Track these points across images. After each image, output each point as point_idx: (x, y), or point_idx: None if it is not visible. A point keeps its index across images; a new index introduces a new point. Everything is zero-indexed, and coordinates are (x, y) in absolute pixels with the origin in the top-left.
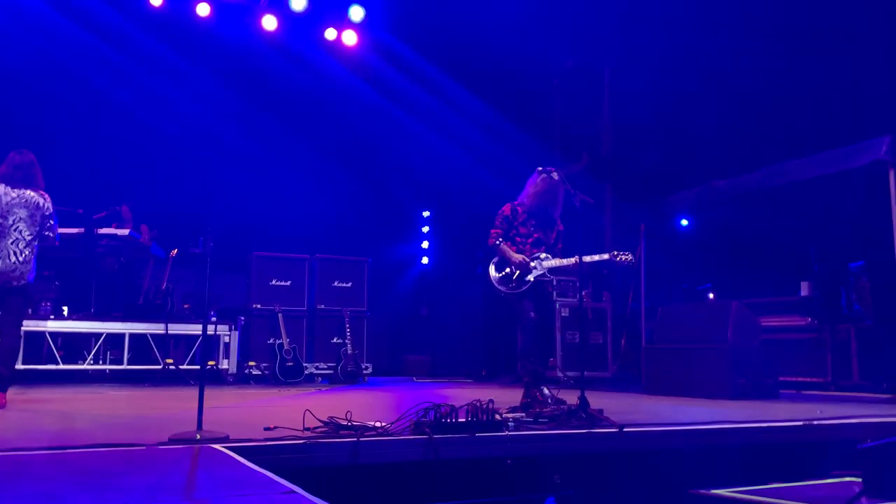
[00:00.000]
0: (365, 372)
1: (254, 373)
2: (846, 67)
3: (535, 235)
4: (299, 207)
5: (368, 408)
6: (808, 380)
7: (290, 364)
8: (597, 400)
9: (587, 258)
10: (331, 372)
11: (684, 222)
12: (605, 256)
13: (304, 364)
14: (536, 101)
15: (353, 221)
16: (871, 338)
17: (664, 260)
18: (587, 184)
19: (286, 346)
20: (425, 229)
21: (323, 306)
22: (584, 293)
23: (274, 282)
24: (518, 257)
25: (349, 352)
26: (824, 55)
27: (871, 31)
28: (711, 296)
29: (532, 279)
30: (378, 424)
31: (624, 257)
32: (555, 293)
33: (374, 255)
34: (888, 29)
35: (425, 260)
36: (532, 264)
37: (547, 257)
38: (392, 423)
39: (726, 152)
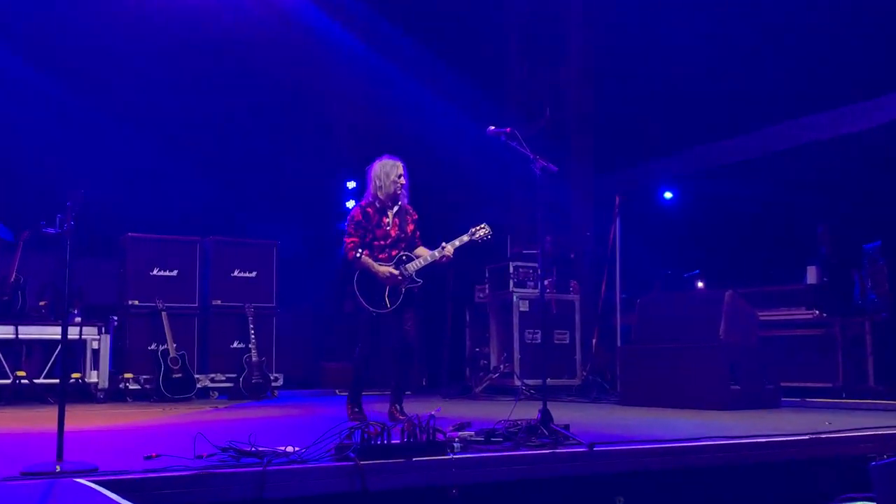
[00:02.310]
0: (274, 384)
1: (131, 387)
2: (863, 5)
3: (393, 234)
4: (188, 176)
5: (278, 429)
6: (815, 385)
7: (177, 375)
8: (562, 413)
9: (447, 247)
10: (230, 385)
11: (668, 195)
12: (465, 238)
13: (196, 375)
14: (489, 43)
15: (257, 193)
16: (889, 333)
17: (644, 241)
18: (549, 148)
19: (172, 353)
20: (350, 204)
21: (219, 301)
22: (546, 282)
23: (156, 271)
24: (385, 271)
25: (254, 359)
26: None
27: None
28: (700, 284)
29: (403, 290)
30: (290, 449)
31: (481, 231)
32: (512, 282)
33: (285, 237)
34: None
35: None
36: (398, 275)
37: (410, 257)
38: (308, 448)
39: (719, 110)
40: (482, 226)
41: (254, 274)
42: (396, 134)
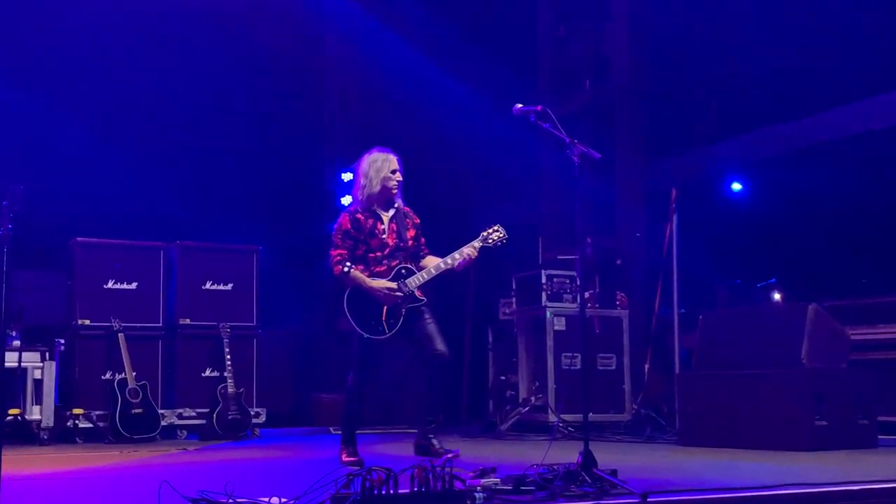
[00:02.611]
0: (255, 421)
1: (81, 425)
2: None
3: (390, 242)
4: (149, 169)
5: (261, 476)
6: None
7: (137, 411)
8: (608, 455)
9: (455, 257)
10: (202, 422)
11: (736, 186)
12: (476, 244)
13: (161, 410)
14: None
15: (233, 189)
16: None
17: (706, 244)
18: (589, 129)
19: (131, 384)
20: (347, 200)
21: (188, 320)
22: (587, 295)
23: (111, 284)
24: (379, 286)
25: (230, 390)
26: None
27: None
28: (777, 297)
29: (404, 311)
30: (276, 501)
31: (495, 235)
32: (544, 295)
33: (268, 241)
34: None
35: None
36: (395, 290)
37: (411, 270)
38: (298, 499)
39: (806, 75)
40: (495, 228)
41: (230, 286)
42: (399, 115)
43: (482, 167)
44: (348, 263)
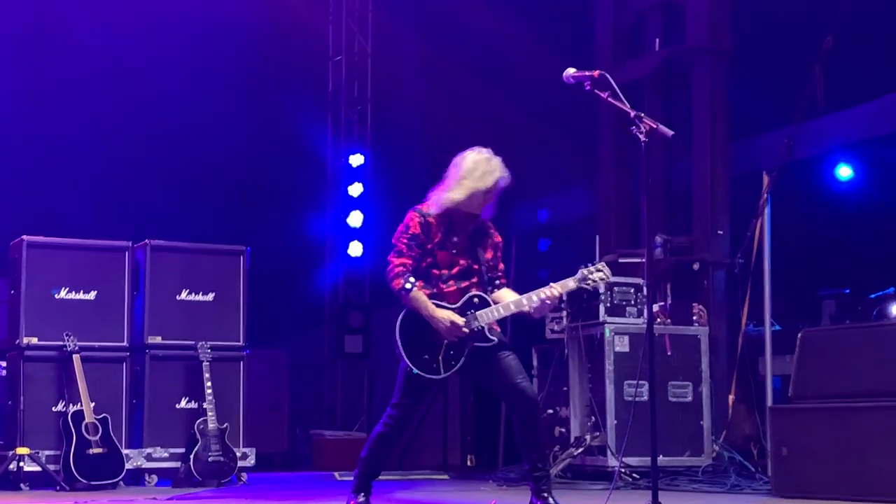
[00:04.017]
0: (242, 464)
1: (27, 468)
2: None
3: (462, 262)
4: (111, 153)
5: None
6: None
7: (96, 451)
8: None
9: (540, 296)
10: (176, 465)
11: (845, 172)
12: (571, 284)
13: (125, 451)
14: None
15: (214, 177)
16: None
17: (807, 243)
18: (658, 101)
19: (89, 418)
20: (356, 190)
21: (160, 338)
22: (656, 308)
23: (64, 293)
24: (444, 317)
25: (211, 426)
26: None
27: None
28: None
29: (466, 351)
30: None
31: (598, 275)
32: (603, 308)
33: (257, 241)
34: None
35: (355, 248)
36: (463, 326)
37: (484, 300)
38: None
39: None
40: (598, 266)
41: (210, 297)
42: (427, 83)
43: (526, 151)
44: (412, 279)
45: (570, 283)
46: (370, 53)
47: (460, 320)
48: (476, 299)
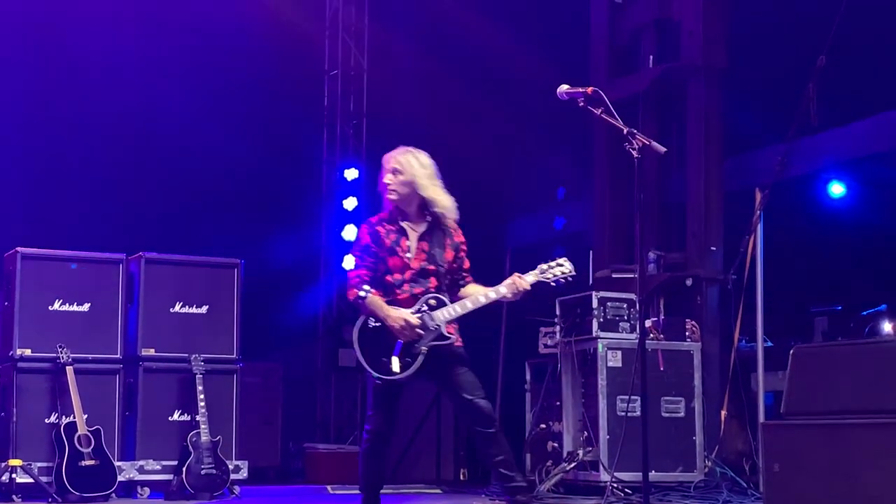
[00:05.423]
0: (235, 477)
1: (20, 480)
2: None
3: (415, 265)
4: (106, 166)
5: None
6: None
7: (89, 463)
8: None
9: (501, 290)
10: (168, 478)
11: (837, 189)
12: (530, 277)
13: (118, 463)
14: None
15: (209, 189)
16: None
17: (799, 261)
18: (652, 118)
19: (82, 430)
20: (350, 204)
21: (153, 351)
22: (649, 324)
23: (58, 305)
24: (398, 317)
25: (204, 439)
26: None
27: None
28: (889, 327)
29: (425, 350)
30: None
31: (558, 270)
32: (596, 323)
33: (251, 254)
34: None
35: (350, 262)
36: (416, 324)
37: (441, 301)
38: None
39: None
40: (559, 261)
41: (204, 309)
42: (420, 96)
43: (520, 164)
44: (366, 286)
45: (529, 278)
46: (366, 68)
47: (414, 319)
48: (432, 300)
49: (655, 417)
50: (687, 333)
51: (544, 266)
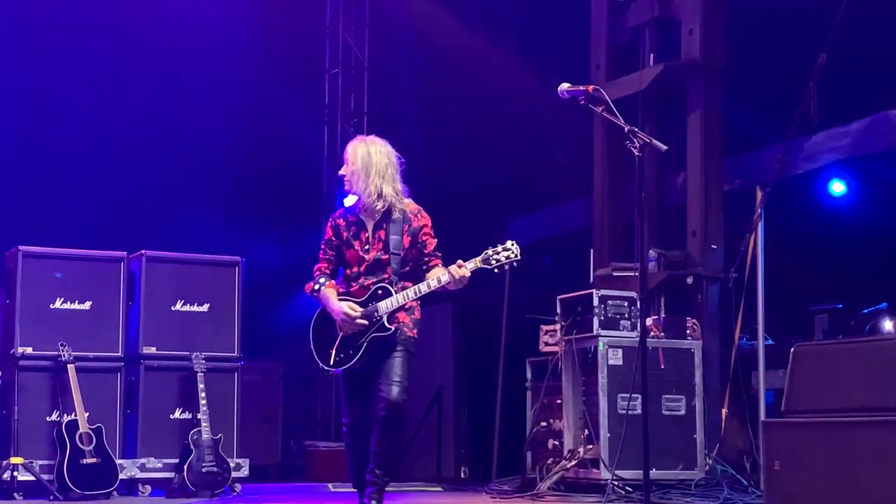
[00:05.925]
0: (236, 474)
1: (21, 477)
2: None
3: (369, 257)
4: (107, 163)
5: None
6: None
7: (90, 461)
8: None
9: (440, 280)
10: (170, 476)
11: (838, 188)
12: (475, 262)
13: (119, 461)
14: None
15: (210, 187)
16: None
17: (800, 259)
18: (652, 116)
19: (83, 428)
20: (350, 203)
21: (154, 349)
22: (650, 322)
23: (60, 303)
24: (340, 309)
25: (205, 437)
26: None
27: None
28: (889, 325)
29: (365, 343)
30: None
31: (503, 255)
32: (597, 321)
33: (252, 252)
34: None
35: None
36: (356, 317)
37: (388, 291)
38: None
39: None
40: (506, 245)
41: (205, 307)
42: (421, 95)
43: (521, 162)
44: (322, 279)
45: (470, 265)
46: (367, 67)
47: (354, 311)
48: (380, 291)
49: (656, 415)
50: (688, 331)
51: (490, 251)
